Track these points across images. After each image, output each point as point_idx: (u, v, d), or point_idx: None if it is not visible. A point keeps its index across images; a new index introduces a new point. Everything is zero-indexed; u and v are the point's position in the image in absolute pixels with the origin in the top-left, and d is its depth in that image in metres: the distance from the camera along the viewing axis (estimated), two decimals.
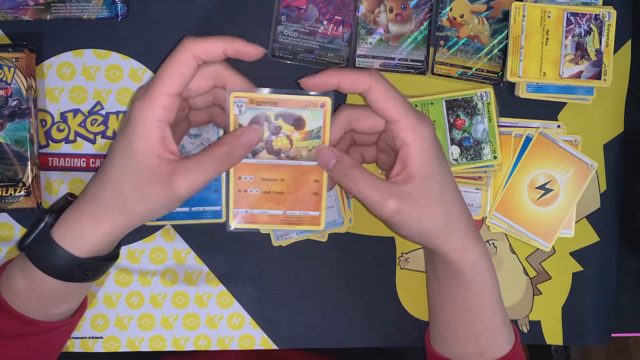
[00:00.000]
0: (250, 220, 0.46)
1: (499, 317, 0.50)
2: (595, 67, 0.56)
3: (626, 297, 0.62)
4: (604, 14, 0.56)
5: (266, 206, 0.46)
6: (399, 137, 0.44)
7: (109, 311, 0.57)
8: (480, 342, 0.50)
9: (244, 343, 0.58)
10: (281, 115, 0.44)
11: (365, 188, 0.43)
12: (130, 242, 0.57)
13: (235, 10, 0.56)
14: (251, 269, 0.58)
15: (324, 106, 0.45)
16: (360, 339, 0.59)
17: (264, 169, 0.45)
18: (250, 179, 0.44)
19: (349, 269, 0.59)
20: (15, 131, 0.53)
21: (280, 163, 0.45)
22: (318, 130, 0.45)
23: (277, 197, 0.46)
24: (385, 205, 0.43)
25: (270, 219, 0.46)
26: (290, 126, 0.44)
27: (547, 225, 0.58)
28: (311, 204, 0.47)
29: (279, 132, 0.45)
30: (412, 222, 0.45)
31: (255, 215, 0.45)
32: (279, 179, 0.45)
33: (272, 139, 0.44)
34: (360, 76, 0.43)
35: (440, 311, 0.52)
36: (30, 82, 0.53)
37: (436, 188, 0.45)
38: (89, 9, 0.54)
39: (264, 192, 0.45)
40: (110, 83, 0.56)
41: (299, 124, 0.45)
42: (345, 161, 0.45)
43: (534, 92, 0.57)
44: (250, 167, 0.45)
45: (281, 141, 0.45)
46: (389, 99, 0.43)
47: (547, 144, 0.58)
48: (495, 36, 0.57)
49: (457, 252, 0.47)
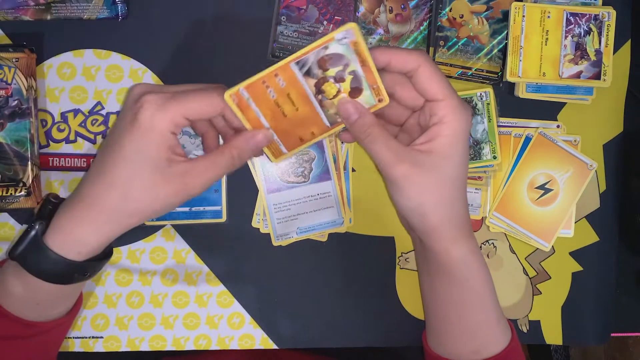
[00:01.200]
0: (241, 106, 0.44)
1: (492, 314, 0.50)
2: (594, 67, 0.56)
3: (625, 297, 0.62)
4: (603, 14, 0.56)
5: (264, 111, 0.44)
6: (437, 115, 0.44)
7: (109, 311, 0.57)
8: (475, 340, 0.50)
9: (244, 343, 0.58)
10: (355, 74, 0.43)
11: (381, 149, 0.44)
12: (130, 242, 0.57)
13: (235, 10, 0.56)
14: (251, 269, 0.58)
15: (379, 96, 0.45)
16: (360, 339, 0.59)
17: (296, 90, 0.43)
18: (280, 84, 0.43)
19: (349, 268, 0.59)
20: (16, 131, 0.53)
21: (310, 99, 0.44)
22: None
23: (279, 115, 0.45)
24: (396, 166, 0.43)
25: (253, 121, 0.45)
26: (349, 88, 0.44)
27: (546, 225, 0.58)
28: (289, 142, 0.47)
29: (339, 82, 0.43)
30: (415, 191, 0.44)
31: (249, 108, 0.44)
32: (296, 107, 0.44)
33: (330, 80, 0.43)
34: (411, 55, 0.43)
35: (433, 309, 0.52)
36: (31, 82, 0.53)
37: (450, 172, 0.45)
38: (89, 9, 0.54)
39: (276, 101, 0.44)
40: (111, 83, 0.56)
41: (355, 92, 0.44)
42: (366, 119, 0.44)
43: (533, 92, 0.57)
44: (292, 81, 0.43)
45: (332, 88, 0.44)
46: (436, 80, 0.43)
47: (547, 144, 0.58)
48: (494, 36, 0.57)
49: (446, 242, 0.47)
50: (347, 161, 0.58)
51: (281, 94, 0.43)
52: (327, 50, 0.42)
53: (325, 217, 0.57)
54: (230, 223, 0.57)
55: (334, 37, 0.41)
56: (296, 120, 0.45)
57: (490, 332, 0.50)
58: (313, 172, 0.57)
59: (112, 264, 0.57)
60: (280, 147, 0.47)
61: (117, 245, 0.57)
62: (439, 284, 0.50)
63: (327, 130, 0.46)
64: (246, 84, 0.42)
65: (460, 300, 0.49)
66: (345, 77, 0.43)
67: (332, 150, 0.57)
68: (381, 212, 0.59)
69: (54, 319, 0.48)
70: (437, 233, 0.46)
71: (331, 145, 0.57)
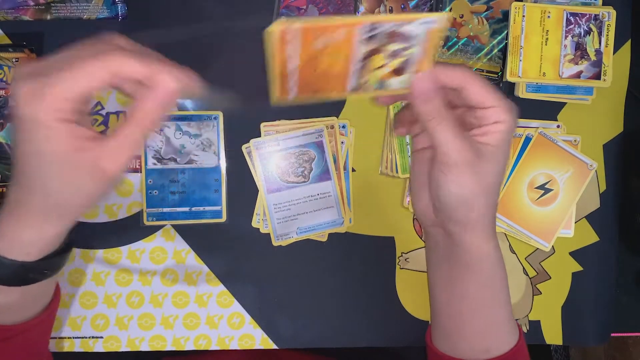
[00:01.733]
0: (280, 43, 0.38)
1: (505, 311, 0.50)
2: (594, 67, 0.56)
3: (625, 297, 0.62)
4: (603, 14, 0.56)
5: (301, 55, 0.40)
6: (491, 117, 0.44)
7: (109, 311, 0.57)
8: (486, 338, 0.50)
9: (244, 343, 0.58)
10: (409, 57, 0.41)
11: (450, 131, 0.43)
12: (130, 242, 0.57)
13: (235, 10, 0.56)
14: (251, 269, 0.58)
15: None
16: (360, 339, 0.59)
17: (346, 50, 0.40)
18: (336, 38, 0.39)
19: (349, 269, 0.59)
20: None
21: (352, 63, 0.41)
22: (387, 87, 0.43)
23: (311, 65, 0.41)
24: (462, 151, 0.43)
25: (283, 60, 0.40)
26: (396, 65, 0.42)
27: (546, 225, 0.58)
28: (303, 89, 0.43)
29: (391, 57, 0.41)
30: (472, 180, 0.44)
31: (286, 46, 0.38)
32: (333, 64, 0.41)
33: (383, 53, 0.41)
34: (456, 71, 0.43)
35: (446, 308, 0.51)
36: None
37: (500, 168, 0.45)
38: (89, 9, 0.54)
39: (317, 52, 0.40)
40: None
41: (398, 72, 0.42)
42: (438, 100, 0.43)
43: (533, 92, 0.57)
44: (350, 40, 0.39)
45: (380, 60, 0.41)
46: (487, 92, 0.44)
47: (547, 144, 0.58)
48: (494, 36, 0.57)
49: (481, 236, 0.46)
50: (347, 161, 0.58)
51: (329, 46, 0.40)
52: (404, 27, 0.39)
53: (325, 217, 0.57)
54: (230, 223, 0.57)
55: (419, 18, 0.39)
56: (323, 75, 0.42)
57: (502, 331, 0.50)
58: (313, 172, 0.57)
59: (112, 264, 0.57)
60: (291, 89, 0.43)
61: (118, 246, 0.57)
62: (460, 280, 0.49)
63: (344, 94, 0.44)
64: (300, 26, 0.37)
65: (480, 297, 0.49)
66: (399, 56, 0.41)
67: (332, 150, 0.57)
68: (381, 212, 0.59)
69: (30, 318, 0.48)
70: (477, 226, 0.46)
71: (331, 145, 0.57)
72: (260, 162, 0.56)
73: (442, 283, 0.51)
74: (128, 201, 0.57)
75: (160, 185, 0.56)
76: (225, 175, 0.57)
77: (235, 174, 0.57)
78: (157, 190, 0.56)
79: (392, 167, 0.57)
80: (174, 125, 0.56)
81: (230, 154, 0.57)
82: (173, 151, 0.56)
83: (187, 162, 0.56)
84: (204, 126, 0.56)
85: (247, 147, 0.57)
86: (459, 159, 0.43)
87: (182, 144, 0.56)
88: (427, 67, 0.42)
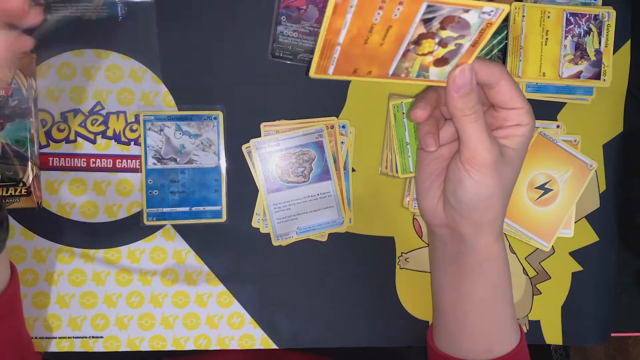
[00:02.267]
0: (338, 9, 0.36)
1: (510, 310, 0.50)
2: (594, 67, 0.56)
3: (625, 297, 0.62)
4: (603, 14, 0.56)
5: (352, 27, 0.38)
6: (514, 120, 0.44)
7: (109, 311, 0.57)
8: (490, 338, 0.50)
9: (244, 343, 0.58)
10: (458, 47, 0.40)
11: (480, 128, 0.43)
12: (130, 242, 0.57)
13: (235, 10, 0.56)
14: (251, 269, 0.58)
15: None
16: (360, 339, 0.59)
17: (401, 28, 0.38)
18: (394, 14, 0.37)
19: (349, 268, 0.59)
20: (16, 131, 0.53)
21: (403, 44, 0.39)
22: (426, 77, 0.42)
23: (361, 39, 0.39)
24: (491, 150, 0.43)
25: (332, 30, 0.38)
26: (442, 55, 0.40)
27: (546, 225, 0.58)
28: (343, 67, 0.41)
29: (442, 44, 0.40)
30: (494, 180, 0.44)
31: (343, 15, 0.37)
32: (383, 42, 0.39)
33: (436, 39, 0.39)
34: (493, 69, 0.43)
35: (451, 309, 0.51)
36: (31, 82, 0.53)
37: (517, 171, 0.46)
38: (89, 10, 0.54)
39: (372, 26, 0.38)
40: (111, 83, 0.56)
41: (441, 62, 0.41)
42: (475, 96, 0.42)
43: (533, 92, 0.57)
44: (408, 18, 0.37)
45: (430, 46, 0.40)
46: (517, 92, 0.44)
47: (547, 144, 0.58)
48: (494, 36, 0.57)
49: (493, 236, 0.47)
50: (347, 161, 0.58)
51: (385, 22, 0.38)
52: (463, 14, 0.38)
53: (325, 217, 0.57)
54: (230, 223, 0.57)
55: (482, 6, 0.38)
56: (369, 52, 0.40)
57: (505, 331, 0.50)
58: (313, 172, 0.57)
59: (112, 263, 0.57)
60: (330, 66, 0.41)
61: (114, 246, 0.57)
62: (468, 279, 0.49)
63: (384, 76, 0.42)
64: None
65: (489, 297, 0.49)
66: (449, 45, 0.40)
67: (332, 150, 0.57)
68: (381, 212, 0.59)
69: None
70: (491, 227, 0.46)
71: (331, 145, 0.57)
72: (260, 162, 0.56)
73: (448, 284, 0.51)
74: (128, 201, 0.57)
75: (160, 185, 0.56)
76: (225, 175, 0.57)
77: (235, 174, 0.57)
78: (157, 190, 0.56)
79: (392, 167, 0.57)
80: (174, 125, 0.56)
81: (230, 154, 0.57)
82: (173, 151, 0.56)
83: (187, 162, 0.56)
84: (204, 126, 0.56)
85: (247, 147, 0.57)
86: (489, 158, 0.43)
87: (182, 144, 0.56)
88: (468, 61, 0.41)
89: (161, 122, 0.56)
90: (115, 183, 0.56)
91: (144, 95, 0.56)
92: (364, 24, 0.38)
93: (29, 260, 0.56)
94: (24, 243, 0.56)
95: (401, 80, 0.42)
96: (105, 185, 0.56)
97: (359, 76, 0.42)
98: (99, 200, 0.56)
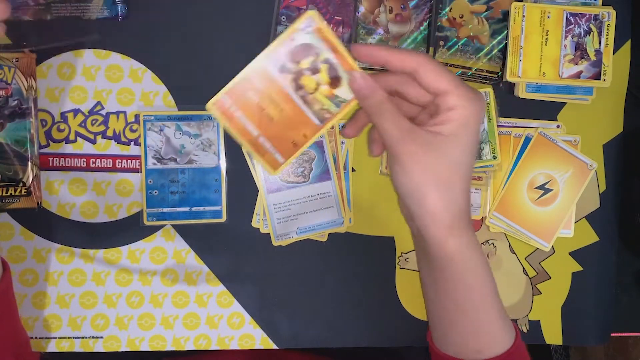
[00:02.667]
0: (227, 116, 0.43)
1: (493, 312, 0.49)
2: (594, 67, 0.56)
3: (625, 297, 0.62)
4: (603, 14, 0.56)
5: (249, 117, 0.44)
6: (447, 105, 0.43)
7: (109, 311, 0.57)
8: (476, 339, 0.49)
9: (244, 343, 0.58)
10: (329, 63, 0.43)
11: (390, 125, 0.43)
12: (130, 242, 0.57)
13: (235, 10, 0.56)
14: (251, 269, 0.58)
15: None
16: (360, 339, 0.59)
17: (276, 89, 0.44)
18: (259, 85, 0.43)
19: (349, 268, 0.59)
20: (16, 131, 0.53)
21: (293, 97, 0.44)
22: (343, 100, 0.45)
23: (265, 119, 0.44)
24: (402, 143, 0.42)
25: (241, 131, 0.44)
26: (328, 78, 0.44)
27: (546, 225, 0.58)
28: (284, 148, 0.46)
29: (315, 73, 0.43)
30: (417, 171, 0.43)
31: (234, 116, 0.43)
32: (281, 108, 0.44)
33: (306, 74, 0.43)
34: (410, 55, 0.43)
35: (434, 308, 0.51)
36: (31, 82, 0.53)
37: (455, 156, 0.43)
38: (89, 9, 0.54)
39: (259, 105, 0.44)
40: (111, 83, 0.56)
41: (335, 82, 0.44)
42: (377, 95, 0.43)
43: (533, 92, 0.57)
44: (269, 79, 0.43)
45: (310, 81, 0.44)
46: (439, 74, 0.43)
47: (547, 144, 0.58)
48: (494, 36, 0.57)
49: (442, 229, 0.45)
50: (347, 161, 0.58)
51: (262, 95, 0.43)
52: (294, 42, 0.42)
53: (325, 217, 0.57)
54: (230, 223, 0.57)
55: (296, 27, 0.41)
56: (284, 122, 0.45)
57: (493, 332, 0.49)
58: (313, 172, 0.57)
59: (112, 264, 0.57)
60: (275, 156, 0.46)
61: (115, 245, 0.57)
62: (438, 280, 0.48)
63: (318, 129, 0.46)
64: (227, 90, 0.42)
65: (460, 298, 0.48)
66: (320, 67, 0.43)
67: (332, 150, 0.57)
68: (381, 212, 0.59)
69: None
70: (433, 217, 0.44)
71: (331, 145, 0.57)
72: None
73: (426, 280, 0.50)
74: (128, 201, 0.57)
75: (160, 185, 0.56)
76: (225, 175, 0.57)
77: (235, 174, 0.57)
78: (157, 190, 0.56)
79: None
80: (174, 125, 0.56)
81: (230, 154, 0.57)
82: (173, 151, 0.56)
83: (187, 162, 0.56)
84: (204, 126, 0.56)
85: None
86: (402, 150, 0.43)
87: (182, 144, 0.56)
88: (352, 63, 0.43)
89: (161, 122, 0.55)
90: (115, 183, 0.56)
91: (143, 95, 0.56)
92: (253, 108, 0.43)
93: (28, 260, 0.56)
94: (24, 243, 0.56)
95: (332, 121, 0.45)
96: (105, 186, 0.56)
97: (302, 144, 0.46)
98: (99, 201, 0.56)
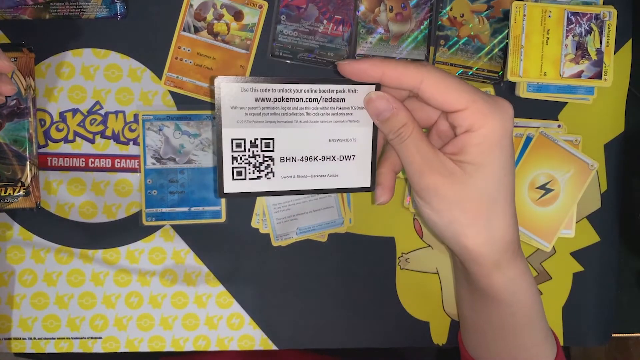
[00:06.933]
0: (179, 86, 0.51)
1: (539, 334, 0.45)
2: (595, 67, 0.56)
3: (627, 298, 0.62)
4: (604, 13, 0.56)
5: (195, 77, 0.51)
6: (462, 125, 0.37)
7: (108, 311, 0.57)
8: (517, 357, 0.46)
9: (244, 343, 0.58)
10: (225, 5, 0.50)
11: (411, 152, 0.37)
12: (129, 242, 0.57)
13: (235, 11, 0.56)
14: (251, 269, 0.58)
15: None
16: (360, 339, 0.59)
17: (201, 46, 0.51)
18: (187, 50, 0.50)
19: (349, 269, 0.59)
20: (14, 131, 0.52)
21: (215, 44, 0.51)
22: (253, 24, 0.52)
23: (206, 71, 0.50)
24: (426, 174, 0.37)
25: (197, 88, 0.50)
26: (231, 16, 0.50)
27: (547, 225, 0.58)
28: None
29: (220, 19, 0.50)
30: (445, 206, 0.37)
31: (184, 82, 0.50)
32: (212, 57, 0.50)
33: (214, 22, 0.50)
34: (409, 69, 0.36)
35: (471, 323, 0.48)
36: (29, 81, 0.53)
37: (485, 185, 0.37)
38: (88, 9, 0.54)
39: (196, 64, 0.50)
40: (110, 82, 0.56)
41: (239, 16, 0.50)
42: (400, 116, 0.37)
43: (534, 92, 0.57)
44: (191, 41, 0.51)
45: (221, 26, 0.50)
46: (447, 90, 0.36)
47: (548, 144, 0.57)
48: (495, 35, 0.57)
49: (487, 268, 0.40)
50: None
51: (193, 57, 0.50)
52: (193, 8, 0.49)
53: (325, 217, 0.57)
54: (229, 223, 0.57)
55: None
56: (222, 66, 0.50)
57: (536, 352, 0.45)
58: None
59: (110, 264, 0.57)
60: None
61: (115, 245, 0.57)
62: (480, 305, 0.45)
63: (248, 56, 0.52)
64: (167, 67, 0.51)
65: (502, 323, 0.44)
66: (222, 12, 0.49)
67: None
68: (381, 212, 0.58)
69: None
70: (475, 257, 0.39)
71: None
72: None
73: (464, 297, 0.48)
74: (127, 201, 0.56)
75: (160, 185, 0.56)
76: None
77: None
78: (156, 190, 0.56)
79: None
80: (173, 124, 0.56)
81: None
82: (172, 151, 0.56)
83: (186, 162, 0.56)
84: (204, 126, 0.56)
85: None
86: (425, 183, 0.37)
87: (181, 143, 0.56)
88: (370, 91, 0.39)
89: (160, 121, 0.55)
90: (114, 183, 0.56)
91: (143, 94, 0.56)
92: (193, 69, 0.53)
93: (27, 260, 0.56)
94: (23, 243, 0.56)
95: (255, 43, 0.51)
96: (104, 185, 0.56)
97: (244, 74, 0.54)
98: (97, 201, 0.56)
